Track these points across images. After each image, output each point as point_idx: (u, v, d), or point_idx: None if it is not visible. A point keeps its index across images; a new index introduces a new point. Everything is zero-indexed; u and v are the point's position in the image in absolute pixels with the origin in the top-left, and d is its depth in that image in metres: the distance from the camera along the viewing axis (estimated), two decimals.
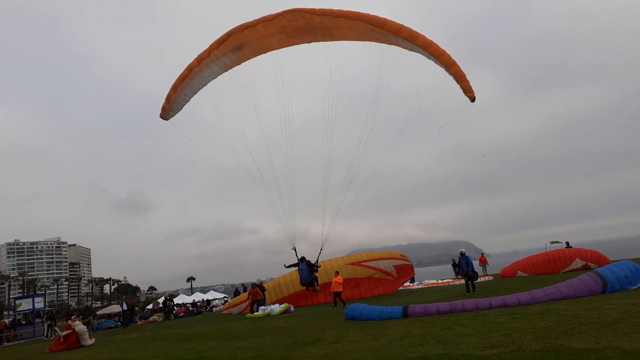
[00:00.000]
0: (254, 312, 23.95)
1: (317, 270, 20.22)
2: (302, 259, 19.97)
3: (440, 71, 15.36)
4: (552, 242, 36.47)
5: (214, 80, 18.26)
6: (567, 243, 33.35)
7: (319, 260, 20.86)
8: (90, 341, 19.28)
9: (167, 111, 18.20)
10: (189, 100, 18.50)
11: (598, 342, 6.85)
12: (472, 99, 15.05)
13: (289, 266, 20.65)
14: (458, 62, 15.22)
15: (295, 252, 21.20)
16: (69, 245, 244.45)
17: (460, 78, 14.88)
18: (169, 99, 17.87)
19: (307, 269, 19.48)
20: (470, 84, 14.87)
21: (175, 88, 17.64)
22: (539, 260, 28.37)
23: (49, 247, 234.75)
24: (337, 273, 22.31)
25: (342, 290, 21.62)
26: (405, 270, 28.92)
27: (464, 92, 14.93)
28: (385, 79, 15.98)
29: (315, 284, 20.04)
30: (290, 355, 9.51)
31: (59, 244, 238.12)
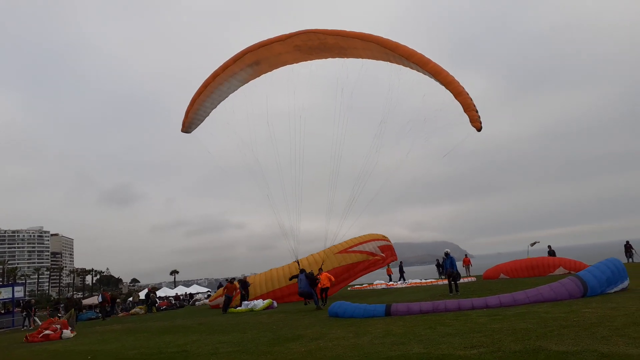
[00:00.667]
0: (237, 307, 23.83)
1: (317, 284, 20.34)
2: (302, 270, 20.31)
3: (449, 96, 15.50)
4: (532, 244, 36.71)
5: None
6: (550, 247, 33.73)
7: (320, 273, 21.07)
8: (71, 335, 19.04)
9: (187, 126, 18.79)
10: (209, 113, 18.85)
11: (577, 345, 6.93)
12: (479, 129, 15.10)
13: (292, 278, 20.89)
14: (451, 63, 15.53)
15: (298, 263, 22.34)
16: (51, 235, 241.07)
17: (467, 107, 15.04)
18: (187, 113, 18.39)
19: (305, 280, 19.72)
20: (478, 113, 14.95)
21: (192, 103, 18.25)
22: (522, 266, 28.61)
23: (30, 236, 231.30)
24: (320, 271, 22.21)
25: (329, 286, 21.58)
26: (390, 250, 29.56)
27: (471, 121, 15.06)
28: (394, 101, 16.26)
29: (316, 298, 19.97)
30: (271, 351, 9.49)
31: (40, 233, 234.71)
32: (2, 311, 36.56)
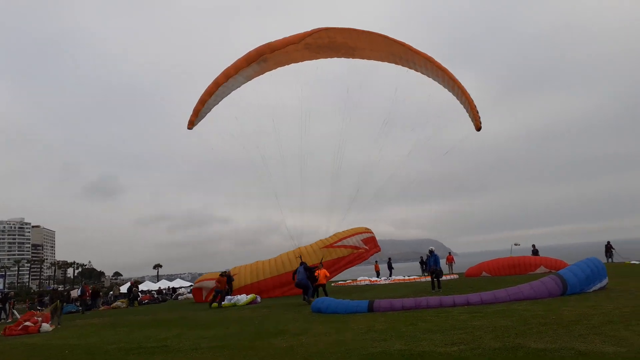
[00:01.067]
0: (221, 303, 23.70)
1: (315, 279, 20.51)
2: (303, 263, 20.64)
3: (448, 98, 15.89)
4: (515, 244, 37.46)
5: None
6: (534, 246, 34.17)
7: (318, 268, 21.23)
8: (50, 328, 18.71)
9: (194, 123, 18.86)
10: (211, 109, 18.88)
11: (554, 343, 7.02)
12: (478, 129, 15.99)
13: (293, 273, 21.04)
14: (445, 61, 15.86)
15: (300, 258, 23.11)
16: (33, 227, 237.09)
17: (472, 106, 15.96)
18: (197, 112, 18.52)
19: (303, 272, 20.02)
20: (479, 113, 15.57)
21: (202, 102, 18.43)
22: (504, 264, 28.97)
23: (11, 227, 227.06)
24: (321, 265, 22.25)
25: (324, 283, 21.41)
26: (373, 242, 30.46)
27: (474, 120, 15.66)
28: (396, 100, 16.53)
29: (311, 294, 19.97)
30: (253, 346, 9.45)
31: (22, 224, 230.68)
32: None
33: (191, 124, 18.64)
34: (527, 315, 10.15)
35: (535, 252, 33.27)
